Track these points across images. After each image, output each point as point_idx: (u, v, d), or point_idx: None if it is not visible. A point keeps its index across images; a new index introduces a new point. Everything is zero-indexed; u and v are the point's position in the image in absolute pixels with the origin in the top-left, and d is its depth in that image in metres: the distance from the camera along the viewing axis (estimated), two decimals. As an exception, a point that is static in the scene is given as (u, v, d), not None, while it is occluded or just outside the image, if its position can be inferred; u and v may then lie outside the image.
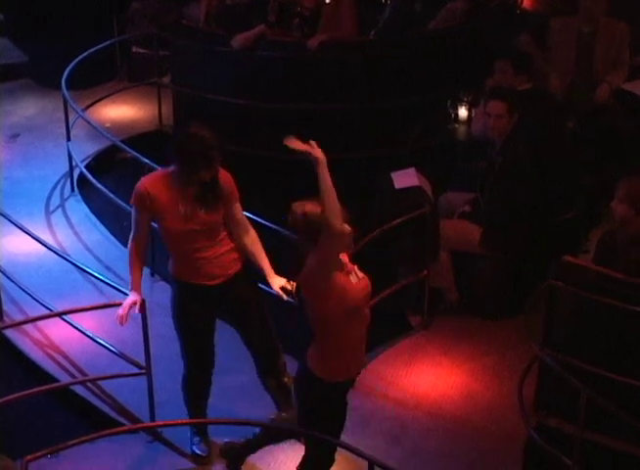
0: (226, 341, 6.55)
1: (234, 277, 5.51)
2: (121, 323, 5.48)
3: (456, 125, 8.71)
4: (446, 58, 9.31)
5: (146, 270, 7.49)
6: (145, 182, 5.40)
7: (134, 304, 5.52)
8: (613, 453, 5.71)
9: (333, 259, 4.61)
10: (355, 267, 4.81)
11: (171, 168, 5.41)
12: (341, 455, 5.55)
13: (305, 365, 4.81)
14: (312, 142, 4.49)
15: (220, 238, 5.44)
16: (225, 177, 5.53)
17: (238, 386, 6.02)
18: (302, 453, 5.14)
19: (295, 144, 4.46)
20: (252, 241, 5.54)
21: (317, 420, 4.91)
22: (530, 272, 6.75)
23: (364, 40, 9.37)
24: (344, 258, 4.75)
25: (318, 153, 4.47)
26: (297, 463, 5.15)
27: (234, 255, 5.50)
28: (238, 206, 5.57)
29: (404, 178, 7.02)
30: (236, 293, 5.55)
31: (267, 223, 6.42)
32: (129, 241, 5.54)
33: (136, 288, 5.56)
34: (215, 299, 5.52)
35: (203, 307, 5.55)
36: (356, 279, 4.77)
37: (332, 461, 5.08)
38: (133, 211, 5.46)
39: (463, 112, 8.64)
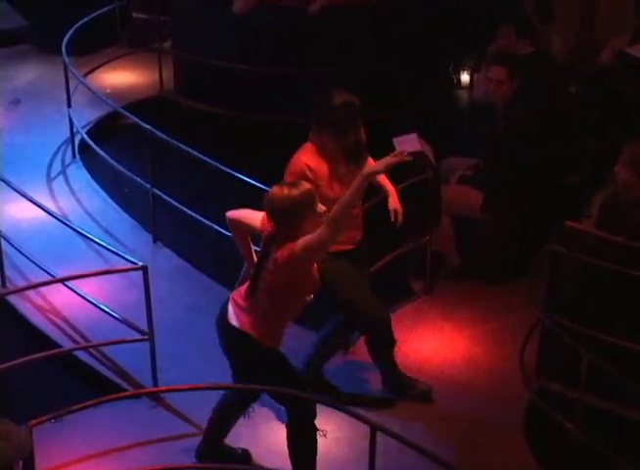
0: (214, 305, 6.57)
1: (360, 243, 5.74)
2: None
3: (459, 90, 8.70)
4: (450, 21, 9.27)
5: (148, 237, 7.55)
6: (301, 158, 5.52)
7: None
8: (614, 417, 5.74)
9: (324, 251, 4.82)
10: None
11: (313, 139, 5.56)
12: (343, 421, 5.61)
13: (246, 333, 4.91)
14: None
15: None
16: None
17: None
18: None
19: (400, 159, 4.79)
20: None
21: (274, 379, 5.03)
22: (533, 237, 6.75)
23: (365, 4, 9.33)
24: None
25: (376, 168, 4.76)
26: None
27: (360, 219, 5.70)
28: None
29: (406, 143, 6.99)
30: (359, 260, 5.76)
31: (268, 188, 6.40)
32: None
33: None
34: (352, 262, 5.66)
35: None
36: (315, 267, 4.98)
37: (314, 409, 5.11)
38: None
39: (465, 77, 8.62)
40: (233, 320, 4.96)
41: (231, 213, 5.18)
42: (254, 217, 5.06)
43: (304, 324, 6.43)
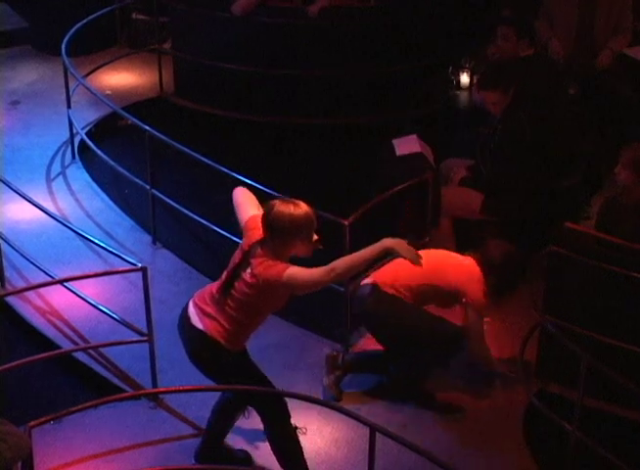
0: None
1: None
2: None
3: (457, 92, 8.70)
4: (448, 24, 9.28)
5: (147, 238, 7.55)
6: None
7: None
8: (613, 419, 5.74)
9: (310, 291, 4.82)
10: None
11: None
12: (342, 423, 5.63)
13: (212, 338, 4.92)
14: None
15: None
16: None
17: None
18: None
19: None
20: None
21: (240, 381, 5.05)
22: (532, 239, 6.75)
23: (365, 6, 9.34)
24: None
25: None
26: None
27: None
28: None
29: (406, 145, 7.01)
30: None
31: (267, 190, 6.43)
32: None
33: None
34: None
35: None
36: None
37: (286, 408, 5.11)
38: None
39: (465, 78, 8.62)
40: (198, 324, 4.97)
41: (236, 192, 5.22)
42: (246, 210, 5.06)
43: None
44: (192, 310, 5.02)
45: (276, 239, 4.78)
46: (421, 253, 5.26)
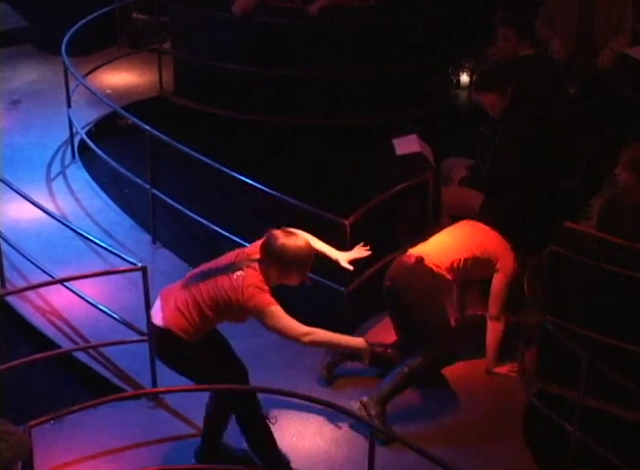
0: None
1: None
2: None
3: (458, 92, 8.70)
4: (448, 24, 9.28)
5: (147, 237, 7.55)
6: None
7: None
8: (614, 419, 5.74)
9: (279, 334, 4.97)
10: None
11: None
12: (342, 422, 5.62)
13: (169, 330, 4.98)
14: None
15: None
16: None
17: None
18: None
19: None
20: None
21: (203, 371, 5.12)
22: (531, 239, 6.74)
23: (365, 6, 9.34)
24: None
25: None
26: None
27: None
28: None
29: (406, 145, 7.01)
30: None
31: (267, 190, 6.43)
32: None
33: None
34: None
35: None
36: None
37: (254, 399, 5.18)
38: None
39: (465, 78, 8.62)
40: (157, 320, 5.04)
41: None
42: None
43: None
44: (156, 306, 5.12)
45: (273, 266, 4.89)
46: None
